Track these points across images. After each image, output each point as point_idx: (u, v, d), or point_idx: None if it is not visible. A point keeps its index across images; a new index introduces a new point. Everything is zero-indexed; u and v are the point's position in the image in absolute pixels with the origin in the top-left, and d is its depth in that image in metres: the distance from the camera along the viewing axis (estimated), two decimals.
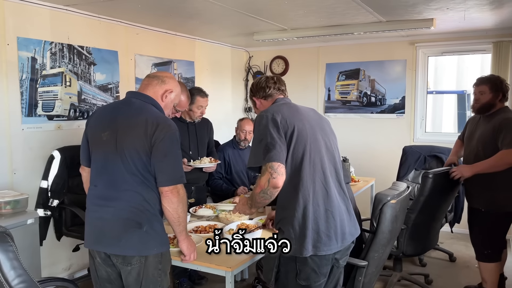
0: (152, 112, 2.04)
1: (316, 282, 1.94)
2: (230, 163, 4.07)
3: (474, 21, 4.16)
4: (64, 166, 3.42)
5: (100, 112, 2.21)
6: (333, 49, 5.58)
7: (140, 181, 1.97)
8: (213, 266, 2.20)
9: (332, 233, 1.93)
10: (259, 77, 2.29)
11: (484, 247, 3.20)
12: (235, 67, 6.01)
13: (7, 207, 2.88)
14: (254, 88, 2.26)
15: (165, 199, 1.98)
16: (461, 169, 3.16)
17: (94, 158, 2.09)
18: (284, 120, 1.95)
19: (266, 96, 2.21)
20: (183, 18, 4.08)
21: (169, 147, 1.97)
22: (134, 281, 2.01)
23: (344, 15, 3.97)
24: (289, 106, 2.11)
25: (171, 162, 1.98)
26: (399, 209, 2.40)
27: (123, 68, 4.22)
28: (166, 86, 2.14)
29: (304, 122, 2.01)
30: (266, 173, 1.87)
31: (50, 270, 3.60)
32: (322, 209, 1.93)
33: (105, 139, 2.02)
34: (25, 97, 3.36)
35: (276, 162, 1.86)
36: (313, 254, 1.90)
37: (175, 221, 2.03)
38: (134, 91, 2.18)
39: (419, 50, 5.12)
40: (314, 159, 1.95)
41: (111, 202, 2.00)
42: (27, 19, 3.36)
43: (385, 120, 5.37)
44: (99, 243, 2.03)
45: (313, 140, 1.98)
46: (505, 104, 3.20)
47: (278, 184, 1.88)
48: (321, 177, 1.95)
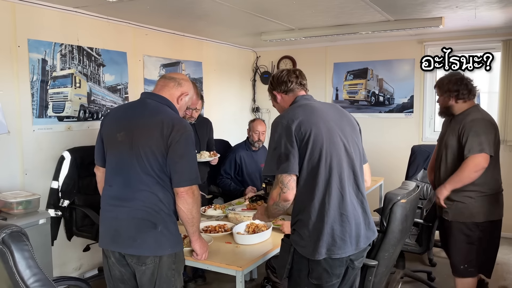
0: (168, 113, 2.06)
1: (328, 282, 1.94)
2: (241, 165, 4.07)
3: (483, 19, 4.13)
4: (75, 167, 3.46)
5: (115, 112, 2.23)
6: (340, 49, 5.57)
7: (155, 181, 1.99)
8: (223, 265, 2.22)
9: (347, 236, 1.92)
10: (280, 70, 2.22)
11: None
12: (242, 68, 6.01)
13: (19, 207, 2.91)
14: (275, 81, 2.18)
15: (180, 200, 2.00)
16: (438, 195, 2.84)
17: (109, 158, 2.10)
18: (298, 127, 1.91)
19: (288, 90, 2.15)
20: (191, 19, 4.09)
21: (185, 149, 1.99)
22: (148, 281, 2.03)
23: (352, 14, 3.97)
24: (306, 109, 2.02)
25: (186, 163, 2.00)
26: (409, 209, 2.39)
27: (132, 69, 4.25)
28: (183, 89, 2.17)
29: (321, 125, 1.95)
30: (277, 187, 1.91)
31: (61, 269, 3.63)
32: (337, 213, 1.91)
33: (120, 139, 2.04)
34: (36, 99, 3.39)
35: (288, 174, 1.88)
36: (326, 257, 1.90)
37: (189, 222, 2.05)
38: (149, 92, 2.19)
39: (427, 49, 5.09)
40: (331, 163, 1.92)
41: (126, 202, 2.01)
42: (37, 21, 3.40)
43: (394, 120, 5.35)
44: (114, 242, 2.04)
45: (329, 143, 1.94)
46: (474, 103, 2.90)
47: (288, 198, 1.91)
48: (337, 182, 1.93)
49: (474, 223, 2.79)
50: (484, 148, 2.68)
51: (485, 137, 2.71)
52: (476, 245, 2.82)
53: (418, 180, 4.35)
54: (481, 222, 2.78)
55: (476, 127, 2.73)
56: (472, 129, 2.72)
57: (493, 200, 2.82)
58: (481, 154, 2.68)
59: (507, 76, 4.64)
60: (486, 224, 2.80)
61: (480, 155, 2.68)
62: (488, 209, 2.79)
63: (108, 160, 2.11)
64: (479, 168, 2.69)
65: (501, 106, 4.71)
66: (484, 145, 2.68)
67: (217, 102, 5.51)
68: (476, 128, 2.72)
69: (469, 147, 2.70)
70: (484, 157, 2.68)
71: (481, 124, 2.75)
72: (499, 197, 2.87)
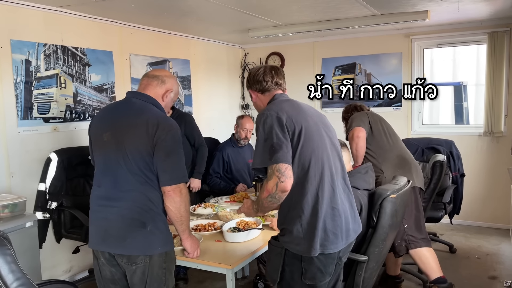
0: (153, 112, 2.04)
1: (321, 281, 1.93)
2: (229, 162, 4.06)
3: (468, 12, 4.15)
4: (62, 168, 3.41)
5: (102, 113, 2.22)
6: (328, 44, 5.57)
7: (143, 180, 1.97)
8: (213, 264, 2.21)
9: (339, 231, 1.91)
10: (257, 67, 2.16)
11: None
12: (231, 65, 5.99)
13: (5, 210, 2.87)
14: (251, 79, 2.14)
15: (168, 199, 1.98)
16: None
17: (97, 159, 2.10)
18: (289, 119, 1.88)
19: (263, 90, 2.10)
20: (177, 16, 4.06)
21: (171, 147, 1.97)
22: (139, 281, 2.01)
23: (338, 9, 3.96)
24: (291, 104, 2.02)
25: (173, 161, 1.98)
26: (399, 204, 2.39)
27: (118, 68, 4.21)
28: (167, 86, 2.14)
29: (309, 119, 1.95)
30: (273, 177, 1.80)
31: (51, 272, 3.59)
32: (329, 207, 1.90)
33: (106, 139, 2.02)
34: (20, 100, 3.34)
35: (284, 163, 1.79)
36: (320, 253, 1.88)
37: (178, 220, 2.03)
38: (134, 91, 2.17)
39: (414, 42, 5.11)
40: (322, 157, 1.91)
41: (115, 202, 2.00)
42: (20, 21, 3.34)
43: (382, 114, 5.30)
44: (104, 243, 2.03)
45: (319, 137, 1.93)
46: (364, 109, 3.56)
47: (286, 188, 1.81)
48: (328, 175, 1.91)
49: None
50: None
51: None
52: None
53: None
54: None
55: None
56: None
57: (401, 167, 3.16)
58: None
59: (493, 69, 4.68)
60: None
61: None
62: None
63: (96, 160, 2.10)
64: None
65: (488, 98, 4.75)
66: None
67: (206, 100, 5.48)
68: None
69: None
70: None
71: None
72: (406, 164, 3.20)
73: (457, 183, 4.18)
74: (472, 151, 4.91)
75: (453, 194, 4.11)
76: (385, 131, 3.31)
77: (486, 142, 4.90)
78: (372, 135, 3.25)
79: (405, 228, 3.01)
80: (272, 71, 2.11)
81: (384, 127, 3.33)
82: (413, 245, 3.03)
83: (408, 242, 3.02)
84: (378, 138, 3.25)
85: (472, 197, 4.86)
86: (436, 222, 4.01)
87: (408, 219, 3.01)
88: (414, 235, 3.02)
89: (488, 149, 4.90)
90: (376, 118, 3.37)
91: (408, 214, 3.00)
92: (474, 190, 4.90)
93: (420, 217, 3.11)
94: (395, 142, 3.29)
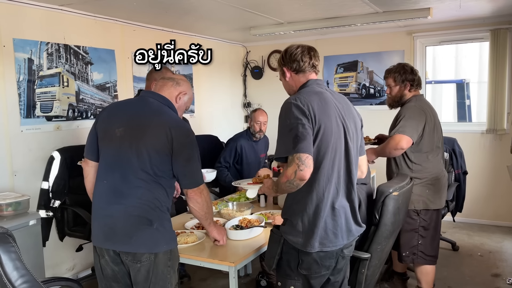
0: (171, 115, 2.09)
1: (317, 273, 1.94)
2: (241, 154, 4.04)
3: (471, 9, 4.14)
4: (65, 167, 3.42)
5: (114, 107, 2.24)
6: (330, 42, 5.56)
7: (152, 179, 1.99)
8: (216, 261, 2.21)
9: (339, 230, 1.93)
10: (294, 45, 2.07)
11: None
12: (232, 63, 5.99)
13: (9, 209, 2.88)
14: (287, 57, 2.05)
15: (191, 200, 2.09)
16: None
17: (104, 154, 2.08)
18: (313, 114, 1.84)
19: (299, 70, 2.03)
20: (179, 14, 4.06)
21: (191, 153, 2.05)
22: (144, 279, 2.01)
23: (340, 6, 3.96)
24: (321, 98, 1.93)
25: (193, 166, 2.07)
26: (402, 201, 2.39)
27: (121, 66, 4.21)
28: (181, 88, 2.18)
29: (332, 119, 1.90)
30: (293, 164, 1.78)
31: (54, 270, 3.61)
32: (331, 208, 1.91)
33: (119, 135, 2.03)
34: (23, 99, 3.35)
35: (305, 153, 1.77)
36: (319, 250, 1.90)
37: (202, 218, 2.17)
38: (150, 91, 2.20)
39: (416, 40, 5.10)
40: (334, 159, 1.90)
41: (122, 198, 2.00)
42: (22, 20, 3.35)
43: (385, 112, 5.29)
44: (109, 240, 2.02)
45: (337, 139, 1.90)
46: (419, 92, 3.05)
47: (305, 177, 1.78)
48: (336, 178, 1.91)
49: (414, 210, 2.93)
50: (406, 130, 2.83)
51: (411, 122, 2.85)
52: (418, 233, 2.97)
53: None
54: (420, 209, 2.94)
55: (408, 113, 2.89)
56: (403, 113, 2.90)
57: (432, 189, 2.95)
58: (400, 135, 2.83)
59: (495, 66, 4.67)
60: (425, 212, 2.96)
61: (399, 136, 2.83)
62: (427, 198, 2.93)
63: (103, 155, 2.09)
64: (398, 147, 2.84)
65: (490, 96, 4.74)
66: (406, 128, 2.83)
67: (208, 98, 5.48)
68: (407, 114, 2.88)
69: (397, 127, 2.86)
70: (403, 138, 2.82)
71: (412, 111, 2.90)
72: (439, 186, 2.98)
73: (460, 181, 4.17)
74: (475, 149, 4.90)
75: (456, 192, 4.10)
76: (434, 143, 2.96)
77: (488, 139, 4.88)
78: (418, 145, 2.90)
79: (418, 243, 2.97)
80: (311, 52, 2.04)
81: (436, 137, 2.97)
82: (420, 260, 3.00)
83: (416, 256, 2.99)
84: (424, 151, 2.91)
85: (475, 194, 4.86)
86: None
87: (426, 237, 2.98)
88: (425, 252, 2.99)
89: (490, 146, 4.89)
90: (432, 124, 2.94)
91: (427, 233, 2.97)
92: (477, 188, 4.89)
93: (436, 237, 3.07)
94: (435, 158, 2.98)
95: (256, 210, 3.00)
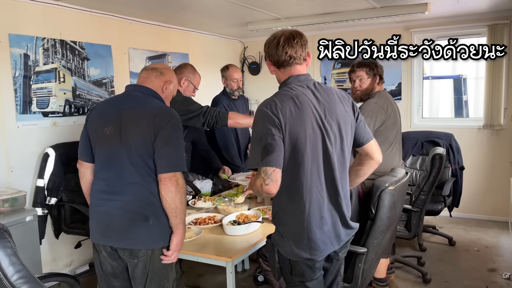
0: (155, 103, 2.06)
1: (311, 277, 1.89)
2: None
3: (468, 4, 4.14)
4: (60, 164, 3.41)
5: (101, 106, 2.22)
6: (328, 37, 5.50)
7: (146, 173, 1.97)
8: (213, 256, 2.21)
9: (326, 238, 1.85)
10: (272, 35, 1.85)
11: None
12: (230, 59, 5.96)
13: (5, 205, 2.88)
14: (266, 49, 1.86)
15: (163, 187, 1.94)
16: None
17: (98, 153, 2.08)
18: (284, 124, 1.72)
19: (280, 65, 1.85)
20: (176, 10, 4.04)
21: (170, 134, 1.97)
22: (141, 274, 2.02)
23: (337, 2, 3.95)
24: (295, 103, 1.76)
25: (171, 148, 1.96)
26: (398, 196, 2.39)
27: (117, 62, 4.20)
28: (165, 78, 2.16)
29: (307, 125, 1.75)
30: (259, 178, 1.71)
31: (51, 266, 3.60)
32: (317, 217, 1.82)
33: (108, 133, 2.02)
34: (19, 94, 3.34)
35: (271, 167, 1.68)
36: (308, 258, 1.85)
37: (172, 212, 1.98)
38: (134, 84, 2.18)
39: (414, 35, 5.09)
40: (312, 167, 1.78)
41: (117, 196, 2.00)
42: (18, 15, 3.33)
43: None
44: (106, 236, 2.03)
45: (313, 145, 1.77)
46: (382, 88, 3.11)
47: (270, 191, 1.71)
48: (318, 186, 1.80)
49: None
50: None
51: (369, 121, 2.84)
52: None
53: (407, 166, 4.38)
54: None
55: (366, 112, 2.88)
56: (363, 110, 2.88)
57: None
58: None
59: (492, 62, 4.66)
60: None
61: None
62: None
63: (97, 155, 2.09)
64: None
65: (487, 92, 4.74)
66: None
67: (205, 94, 5.46)
68: (365, 113, 2.86)
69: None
70: None
71: (371, 109, 2.92)
72: None
73: (457, 176, 4.19)
74: (472, 144, 4.92)
75: (453, 187, 4.12)
76: (389, 138, 2.95)
77: (485, 135, 4.90)
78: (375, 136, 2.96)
79: None
80: (289, 42, 1.80)
81: (393, 133, 2.96)
82: None
83: None
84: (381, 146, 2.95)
85: (472, 190, 4.87)
86: (435, 215, 4.03)
87: None
88: None
89: (487, 142, 4.90)
90: (393, 120, 2.94)
91: None
92: (474, 183, 4.91)
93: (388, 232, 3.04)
94: (390, 153, 2.95)
95: (253, 206, 3.01)
